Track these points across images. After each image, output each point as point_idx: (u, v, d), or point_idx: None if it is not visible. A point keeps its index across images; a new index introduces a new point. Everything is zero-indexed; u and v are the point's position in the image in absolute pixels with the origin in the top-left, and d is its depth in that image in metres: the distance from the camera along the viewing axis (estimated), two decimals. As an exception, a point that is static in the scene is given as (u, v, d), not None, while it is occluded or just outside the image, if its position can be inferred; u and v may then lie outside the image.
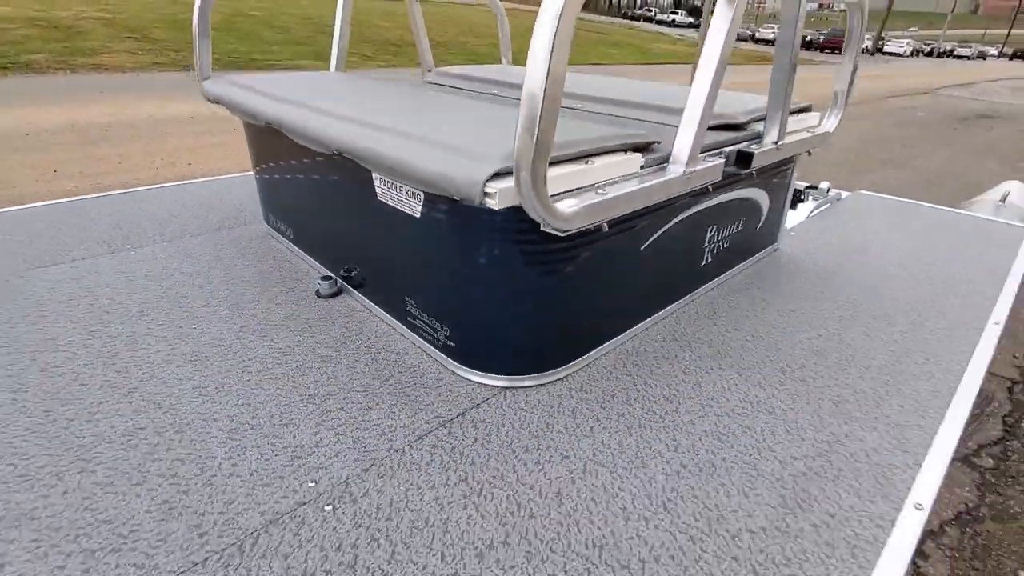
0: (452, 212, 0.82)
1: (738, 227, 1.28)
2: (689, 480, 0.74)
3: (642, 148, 0.92)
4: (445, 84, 1.69)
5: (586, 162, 0.81)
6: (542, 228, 0.74)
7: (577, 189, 0.79)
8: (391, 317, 1.08)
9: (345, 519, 0.66)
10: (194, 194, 1.77)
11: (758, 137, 1.16)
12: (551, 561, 0.62)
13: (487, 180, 0.69)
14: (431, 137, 0.82)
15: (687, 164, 0.90)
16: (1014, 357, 2.13)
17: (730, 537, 0.66)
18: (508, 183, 0.69)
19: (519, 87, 0.63)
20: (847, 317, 1.19)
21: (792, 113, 1.29)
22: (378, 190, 0.95)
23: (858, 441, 0.83)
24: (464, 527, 0.66)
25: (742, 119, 1.15)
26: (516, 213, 0.70)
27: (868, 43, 36.85)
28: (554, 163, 0.76)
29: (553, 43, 0.57)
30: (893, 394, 0.94)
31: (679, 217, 1.05)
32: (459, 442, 0.80)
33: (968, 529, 1.34)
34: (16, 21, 10.46)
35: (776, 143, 1.13)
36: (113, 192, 1.73)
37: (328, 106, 1.03)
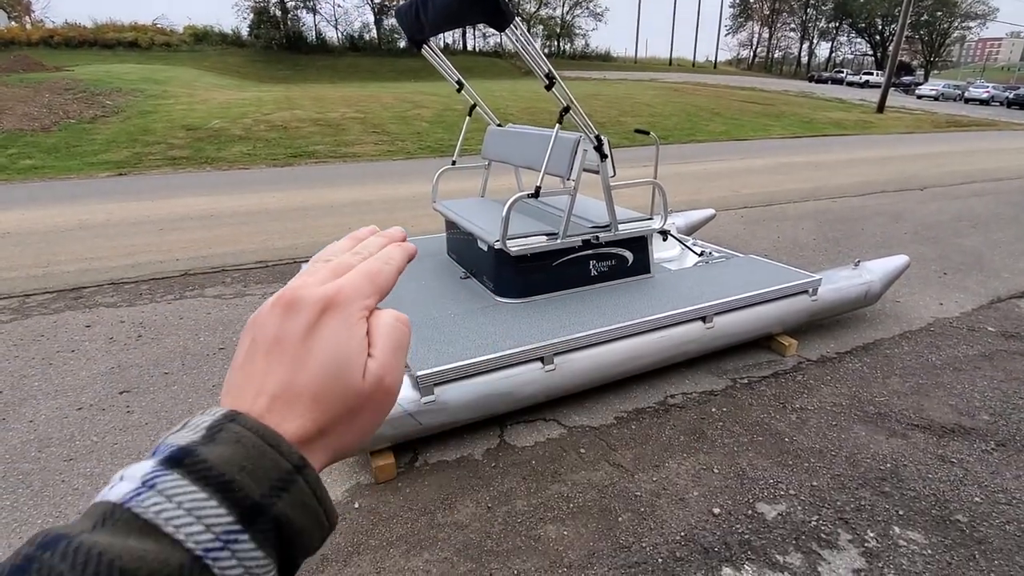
0: (491, 248, 3.12)
1: (611, 262, 3.35)
2: (565, 306, 2.91)
3: (548, 234, 3.12)
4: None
5: (526, 238, 3.05)
6: (510, 253, 2.99)
7: (522, 245, 3.03)
8: (479, 284, 3.39)
9: (491, 317, 2.95)
10: (426, 242, 4.33)
11: (607, 228, 3.26)
12: (517, 330, 2.85)
13: (495, 241, 2.97)
14: (490, 226, 3.13)
15: (561, 238, 3.08)
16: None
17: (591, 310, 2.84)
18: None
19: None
20: (648, 299, 3.19)
21: (636, 220, 3.34)
22: (478, 240, 3.28)
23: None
24: (501, 317, 2.92)
25: (602, 223, 3.26)
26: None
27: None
28: (512, 238, 3.01)
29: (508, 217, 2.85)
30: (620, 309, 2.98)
31: (573, 255, 3.21)
32: (500, 311, 3.05)
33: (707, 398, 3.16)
34: (305, 121, 15.55)
35: (612, 233, 3.23)
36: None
37: (467, 215, 3.42)
